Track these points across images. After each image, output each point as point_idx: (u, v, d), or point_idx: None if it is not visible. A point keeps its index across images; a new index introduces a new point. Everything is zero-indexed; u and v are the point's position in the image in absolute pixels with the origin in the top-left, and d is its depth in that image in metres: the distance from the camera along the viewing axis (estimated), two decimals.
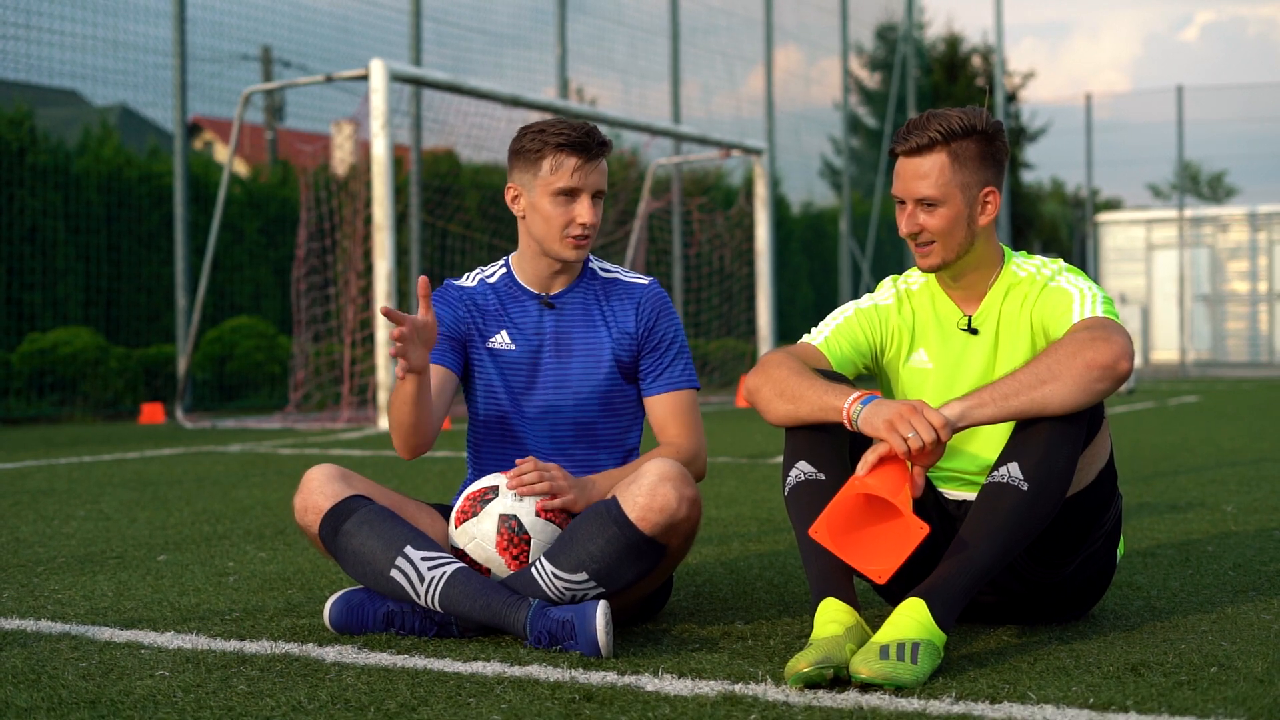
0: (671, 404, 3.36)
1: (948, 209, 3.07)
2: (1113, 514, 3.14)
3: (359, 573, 3.08)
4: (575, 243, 3.27)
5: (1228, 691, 2.54)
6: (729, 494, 6.07)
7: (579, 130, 3.23)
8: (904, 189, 3.09)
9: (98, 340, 13.16)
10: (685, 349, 3.42)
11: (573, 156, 3.22)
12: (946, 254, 3.11)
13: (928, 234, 3.09)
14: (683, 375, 3.39)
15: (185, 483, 6.82)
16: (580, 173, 3.23)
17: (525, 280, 3.40)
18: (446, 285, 3.45)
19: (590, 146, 3.23)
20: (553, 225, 3.26)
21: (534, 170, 3.26)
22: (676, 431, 3.35)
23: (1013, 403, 2.83)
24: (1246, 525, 4.87)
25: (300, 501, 3.15)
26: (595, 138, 3.24)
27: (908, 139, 3.07)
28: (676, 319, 3.43)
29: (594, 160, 3.24)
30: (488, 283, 3.43)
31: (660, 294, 3.42)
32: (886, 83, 27.15)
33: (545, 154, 3.24)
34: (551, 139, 3.23)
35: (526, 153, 3.27)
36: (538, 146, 3.24)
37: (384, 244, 10.72)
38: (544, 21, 17.27)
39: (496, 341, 3.36)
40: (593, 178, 3.25)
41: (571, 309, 3.38)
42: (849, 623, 2.74)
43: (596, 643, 2.86)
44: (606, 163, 3.30)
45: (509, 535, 3.08)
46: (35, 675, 2.77)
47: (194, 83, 13.81)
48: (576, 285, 3.40)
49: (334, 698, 2.58)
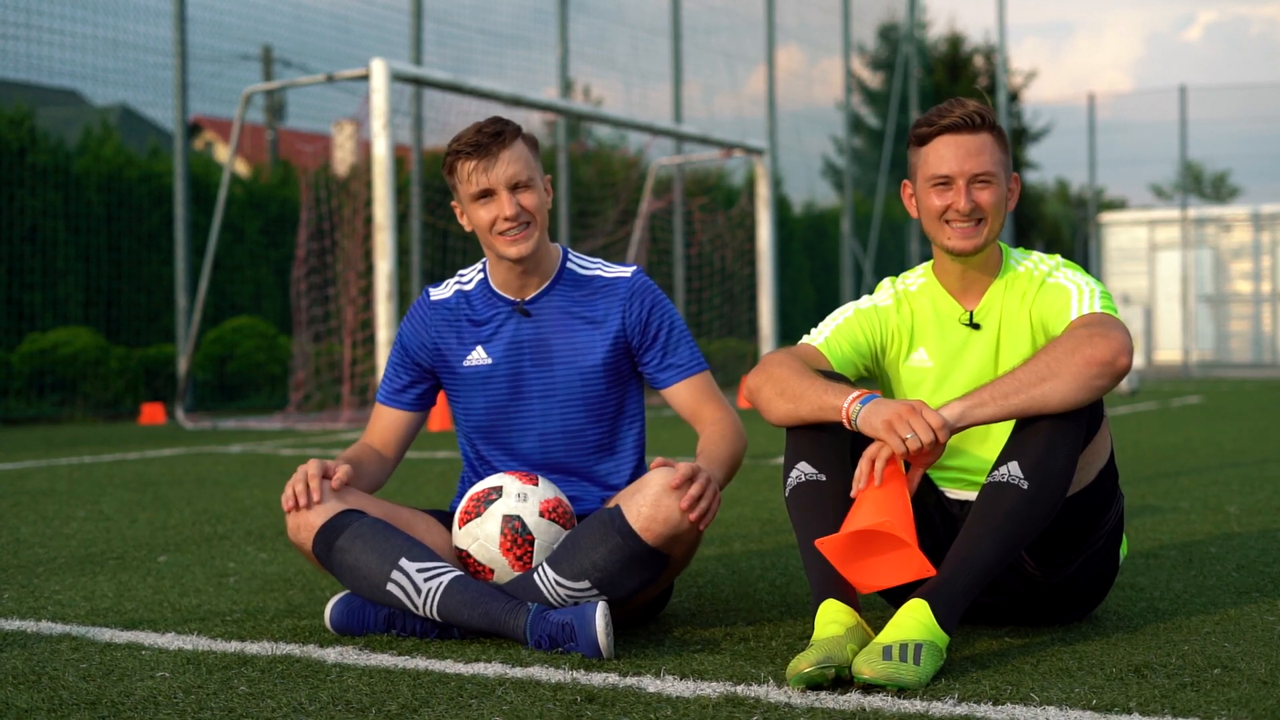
0: (694, 389, 3.33)
1: (998, 187, 3.07)
2: (1114, 514, 3.13)
3: (356, 587, 3.07)
4: (509, 239, 3.22)
5: (1231, 693, 2.53)
6: (730, 494, 6.06)
7: (473, 130, 3.20)
8: (957, 166, 3.04)
9: (98, 340, 13.16)
10: (685, 332, 3.37)
11: (469, 160, 3.20)
12: (990, 234, 3.09)
13: (980, 210, 3.06)
14: (692, 359, 3.35)
15: (186, 483, 6.81)
16: (483, 174, 3.19)
17: (498, 285, 3.35)
18: (421, 301, 3.42)
19: (481, 143, 3.18)
20: (483, 229, 3.24)
21: (455, 184, 3.27)
22: (711, 412, 3.32)
23: (1013, 401, 2.82)
24: (1250, 526, 4.86)
25: (293, 519, 3.13)
26: (487, 130, 3.19)
27: (951, 115, 3.04)
28: (667, 305, 3.36)
29: (489, 155, 3.18)
30: (463, 291, 3.39)
31: (644, 284, 3.35)
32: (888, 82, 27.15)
33: (455, 166, 3.24)
34: (453, 150, 3.22)
35: (447, 170, 3.28)
36: (450, 162, 3.25)
37: (385, 244, 10.72)
38: (545, 21, 17.27)
39: (473, 359, 3.32)
40: (501, 173, 3.19)
41: (548, 315, 3.32)
42: (850, 623, 2.73)
43: (597, 644, 2.85)
44: (524, 153, 3.22)
45: (512, 536, 3.07)
46: (36, 676, 2.77)
47: (194, 82, 13.81)
48: (552, 288, 3.33)
49: (335, 699, 2.58)
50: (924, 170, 3.10)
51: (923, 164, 3.10)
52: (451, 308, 3.37)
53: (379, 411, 3.45)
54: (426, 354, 3.37)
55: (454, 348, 3.34)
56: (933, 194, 3.09)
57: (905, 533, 2.67)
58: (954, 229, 3.08)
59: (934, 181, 3.08)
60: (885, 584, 2.76)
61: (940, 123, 3.05)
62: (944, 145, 3.06)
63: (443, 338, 3.35)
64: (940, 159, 3.06)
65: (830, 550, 2.73)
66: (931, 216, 3.10)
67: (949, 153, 3.05)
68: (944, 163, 3.06)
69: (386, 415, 3.43)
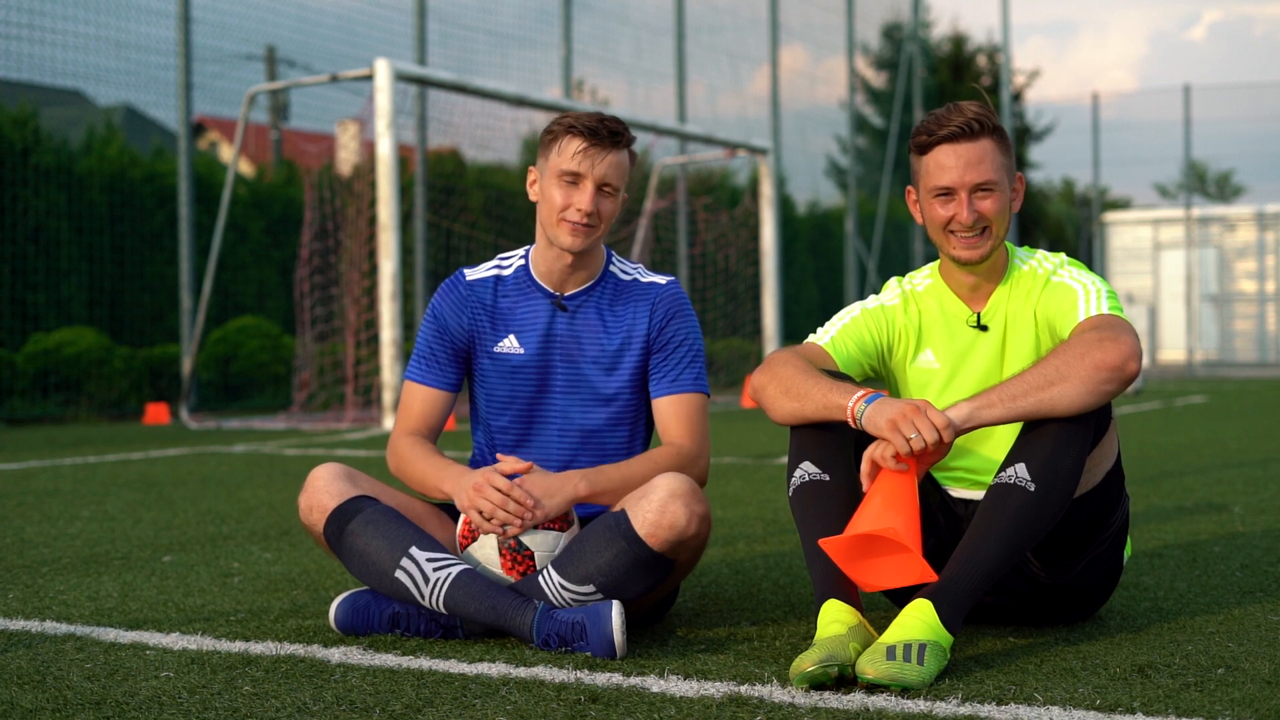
0: (676, 406, 3.26)
1: (1001, 194, 3.06)
2: (1120, 515, 3.13)
3: (363, 573, 3.07)
4: (572, 228, 3.18)
5: (1235, 693, 2.53)
6: (734, 494, 6.06)
7: (595, 118, 3.18)
8: (957, 177, 3.03)
9: (102, 340, 13.17)
10: (699, 354, 3.31)
11: (579, 139, 3.16)
12: (996, 242, 3.08)
13: (984, 220, 3.05)
14: (691, 379, 3.27)
15: (190, 483, 6.82)
16: (584, 157, 3.16)
17: (539, 275, 3.31)
18: (456, 279, 3.36)
19: (600, 133, 3.16)
20: (553, 208, 3.19)
21: (547, 153, 3.22)
22: (679, 433, 3.25)
23: (1021, 404, 2.82)
24: (1254, 526, 4.85)
25: (305, 500, 3.14)
26: (609, 126, 3.17)
27: (950, 125, 3.02)
28: (692, 322, 3.32)
29: (600, 147, 3.16)
30: (502, 274, 3.34)
31: (676, 295, 3.32)
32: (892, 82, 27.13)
33: (558, 136, 3.20)
34: (565, 121, 3.20)
35: (546, 135, 3.24)
36: (555, 130, 3.21)
37: (389, 244, 10.72)
38: (549, 21, 17.27)
39: (504, 346, 3.28)
40: (600, 168, 3.16)
41: (585, 312, 3.29)
42: (852, 623, 2.74)
43: (612, 642, 2.84)
44: (625, 162, 3.22)
45: (512, 556, 3.06)
46: (40, 676, 2.77)
47: (198, 83, 13.81)
48: (593, 287, 3.31)
49: (339, 699, 2.58)
50: (925, 181, 3.09)
51: (924, 174, 3.09)
52: (488, 289, 3.33)
53: (417, 393, 3.32)
54: (464, 334, 3.32)
55: (486, 331, 3.30)
56: (936, 204, 3.08)
57: (910, 539, 2.67)
58: (959, 239, 3.07)
59: (936, 192, 3.07)
60: (887, 585, 2.77)
61: (940, 133, 3.04)
62: (944, 155, 3.04)
63: (477, 319, 3.31)
64: (941, 169, 3.05)
65: (834, 550, 2.73)
66: (936, 226, 3.10)
67: (950, 163, 3.04)
68: (945, 173, 3.04)
69: (427, 396, 3.31)
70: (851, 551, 2.75)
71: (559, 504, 3.05)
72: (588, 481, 3.10)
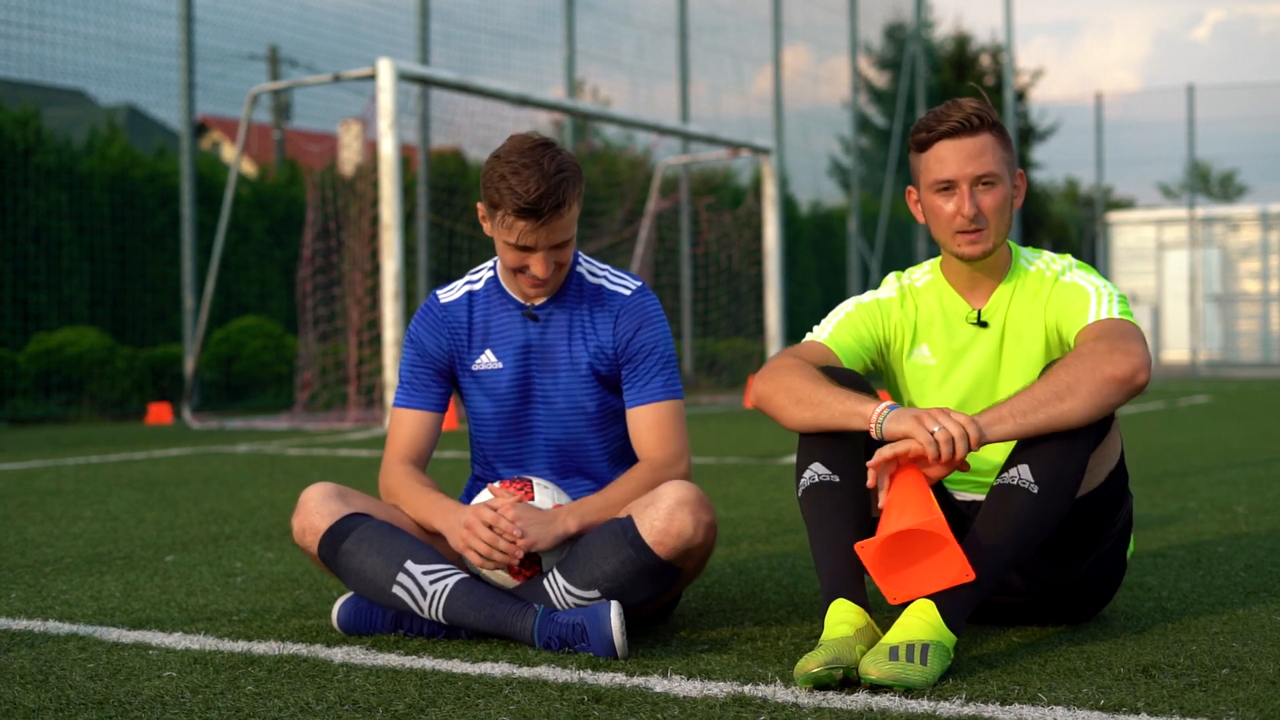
0: (648, 417, 3.23)
1: (1002, 188, 3.05)
2: (1124, 514, 3.12)
3: (362, 591, 3.07)
4: (532, 283, 3.16)
5: (1239, 693, 2.52)
6: (738, 494, 6.05)
7: (534, 193, 3.02)
8: (958, 170, 3.02)
9: (104, 340, 13.18)
10: (669, 359, 3.28)
11: (523, 220, 3.06)
12: (997, 237, 3.07)
13: (984, 215, 3.04)
14: (661, 387, 3.24)
15: (192, 483, 6.82)
16: (530, 234, 3.07)
17: (509, 286, 3.29)
18: (431, 303, 3.34)
19: (541, 212, 3.03)
20: (508, 265, 3.16)
21: (493, 215, 3.11)
22: (651, 444, 3.22)
23: (1031, 419, 2.80)
24: (1258, 526, 4.85)
25: (298, 523, 3.13)
26: (549, 201, 3.03)
27: (949, 120, 3.01)
28: (661, 328, 3.28)
29: (546, 223, 3.06)
30: (474, 290, 3.33)
31: (641, 304, 3.27)
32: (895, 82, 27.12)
33: (502, 208, 3.07)
34: (508, 198, 3.04)
35: (489, 191, 3.10)
36: (497, 199, 3.07)
37: (391, 243, 10.72)
38: (551, 21, 17.28)
39: (482, 362, 3.28)
40: (546, 236, 3.08)
41: (555, 320, 3.27)
42: (859, 624, 2.73)
43: (612, 643, 2.84)
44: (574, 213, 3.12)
45: (517, 568, 3.06)
46: (43, 676, 2.77)
47: (201, 82, 13.82)
48: (561, 294, 3.27)
49: (342, 699, 2.57)
50: (926, 176, 3.08)
51: (925, 170, 3.09)
52: (462, 309, 3.32)
53: (404, 418, 3.31)
54: (444, 355, 3.31)
55: (464, 350, 3.30)
56: (937, 199, 3.07)
57: (947, 531, 2.64)
58: (962, 236, 3.06)
59: (937, 187, 3.06)
60: (922, 592, 2.71)
61: (939, 128, 3.03)
62: (944, 149, 3.04)
63: (455, 339, 3.31)
64: (942, 164, 3.04)
65: (868, 555, 2.69)
66: (938, 223, 3.08)
67: (950, 156, 3.03)
68: (946, 167, 3.04)
69: (413, 420, 3.31)
70: (886, 560, 2.71)
71: (548, 545, 3.03)
72: (575, 518, 3.07)
